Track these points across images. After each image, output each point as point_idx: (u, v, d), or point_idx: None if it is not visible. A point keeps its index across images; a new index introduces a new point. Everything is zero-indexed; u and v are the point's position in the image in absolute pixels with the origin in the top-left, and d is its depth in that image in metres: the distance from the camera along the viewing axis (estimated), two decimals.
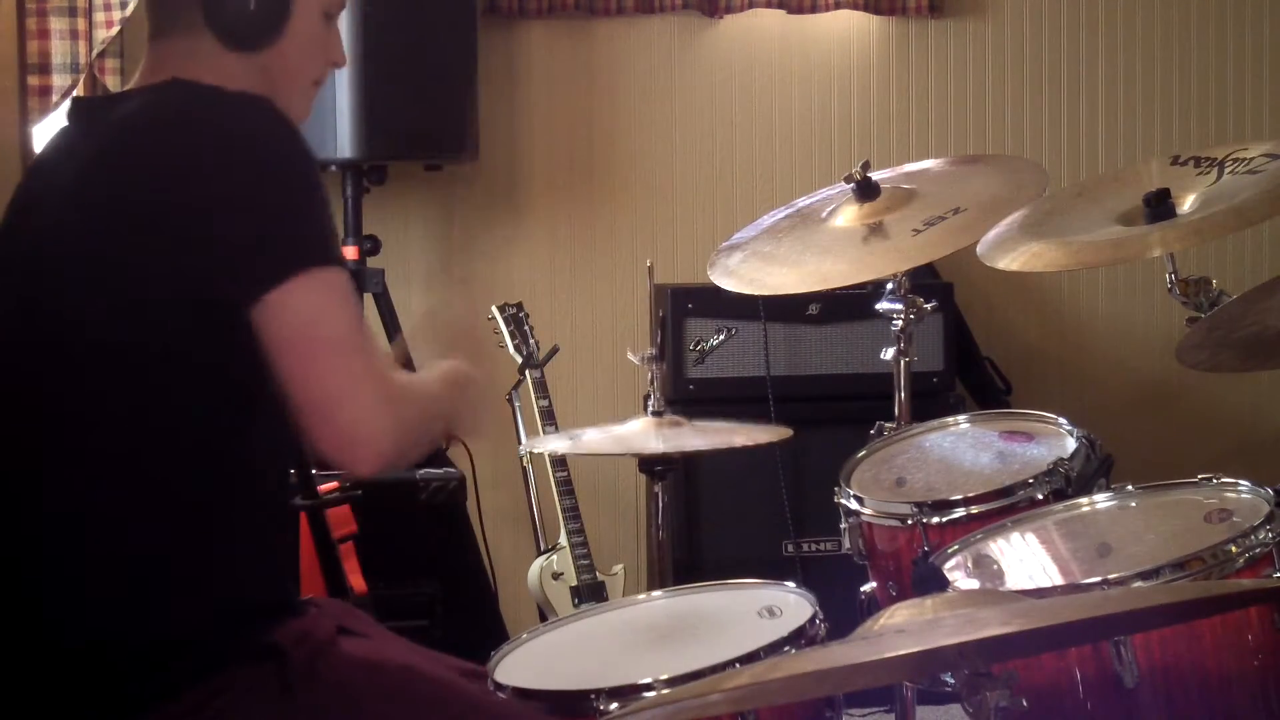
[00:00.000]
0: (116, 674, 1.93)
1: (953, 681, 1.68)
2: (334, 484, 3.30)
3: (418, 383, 2.08)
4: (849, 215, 3.03)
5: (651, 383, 2.98)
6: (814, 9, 4.55)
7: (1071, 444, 2.69)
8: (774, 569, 3.65)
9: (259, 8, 2.04)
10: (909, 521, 2.64)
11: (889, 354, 3.07)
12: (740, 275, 3.03)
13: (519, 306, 4.12)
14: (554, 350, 4.10)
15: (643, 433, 2.87)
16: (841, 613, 2.32)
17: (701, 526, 4.09)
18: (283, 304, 1.89)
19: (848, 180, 3.05)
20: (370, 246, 4.14)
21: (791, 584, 2.44)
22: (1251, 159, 2.82)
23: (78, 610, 1.95)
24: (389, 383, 1.95)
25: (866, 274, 2.93)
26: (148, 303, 1.91)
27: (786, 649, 2.20)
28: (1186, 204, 2.82)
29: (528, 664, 2.32)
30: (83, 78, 3.84)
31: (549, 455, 4.02)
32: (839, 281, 2.93)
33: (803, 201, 3.20)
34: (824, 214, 3.08)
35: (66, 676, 1.94)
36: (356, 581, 3.45)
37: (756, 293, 3.02)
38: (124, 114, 2.02)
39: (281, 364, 1.90)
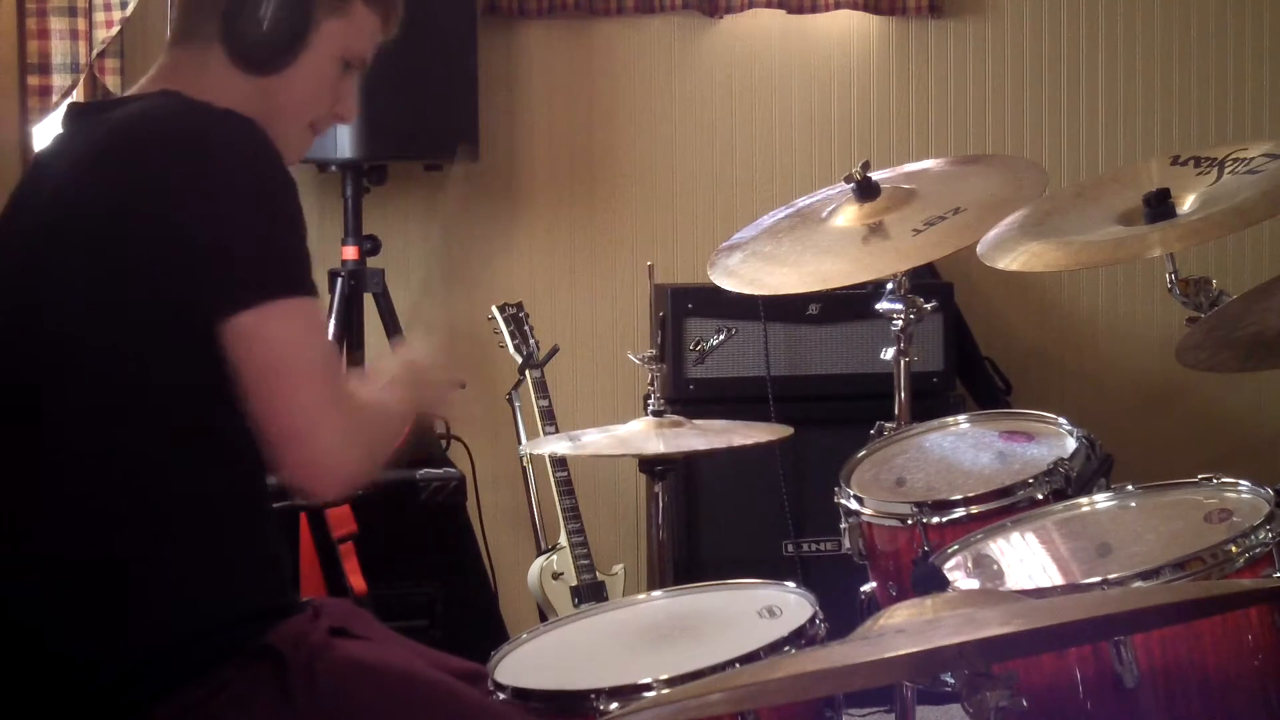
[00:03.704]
0: (112, 678, 1.93)
1: (953, 681, 1.68)
2: None
3: (377, 403, 2.08)
4: (849, 215, 3.03)
5: (652, 383, 2.99)
6: (814, 9, 4.55)
7: (1071, 444, 2.69)
8: (774, 569, 3.65)
9: (272, 32, 2.05)
10: (909, 521, 2.64)
11: (889, 354, 3.06)
12: (740, 275, 3.02)
13: (519, 306, 4.13)
14: (554, 350, 4.10)
15: (643, 433, 2.88)
16: (841, 613, 2.32)
17: (701, 526, 4.09)
18: (255, 329, 1.90)
19: (848, 180, 3.05)
20: (370, 246, 4.14)
21: (791, 584, 2.44)
22: (1251, 159, 2.82)
23: (72, 614, 1.95)
24: (355, 413, 1.97)
25: (866, 274, 2.92)
26: (130, 310, 1.92)
27: (786, 649, 2.20)
28: (1186, 204, 2.82)
29: (528, 664, 2.32)
30: (83, 78, 3.84)
31: (549, 455, 4.02)
32: (839, 281, 2.93)
33: (803, 201, 3.19)
34: (824, 214, 3.08)
35: (62, 681, 1.94)
36: (356, 581, 3.46)
37: (756, 293, 3.02)
38: (115, 121, 2.02)
39: (251, 390, 1.91)
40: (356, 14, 2.12)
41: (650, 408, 2.94)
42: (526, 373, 4.06)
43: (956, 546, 2.43)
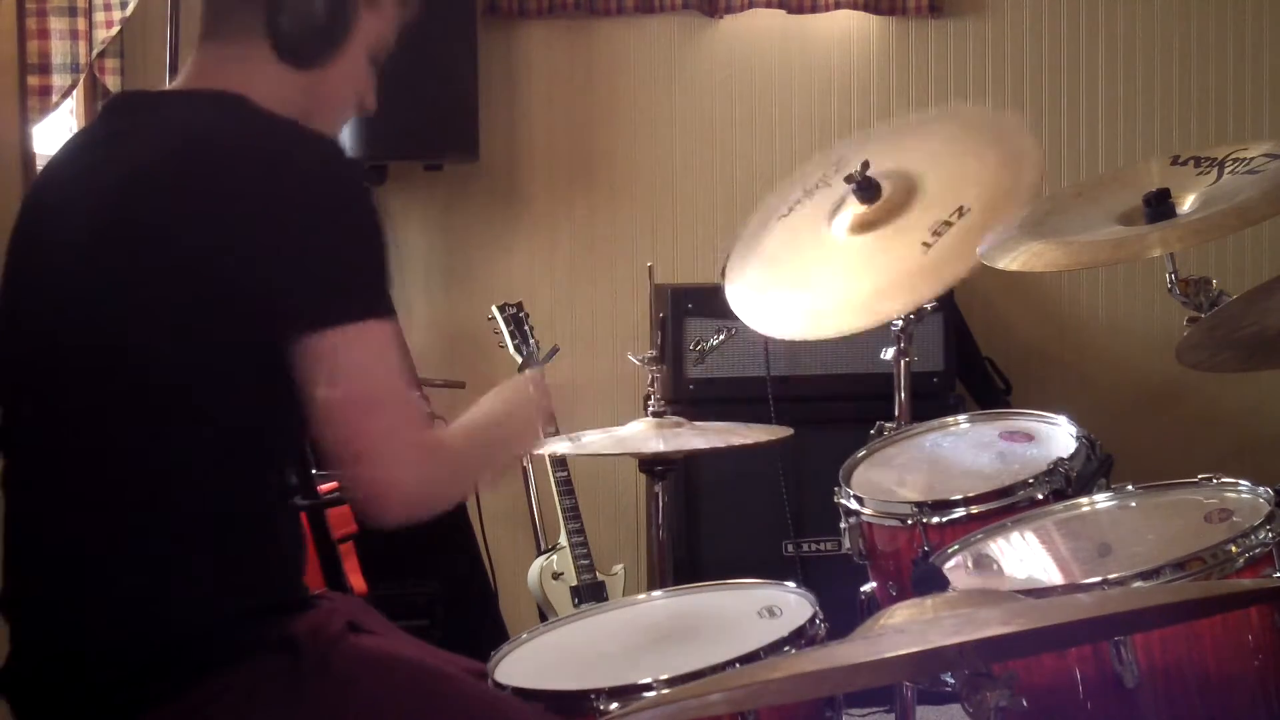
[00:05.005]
0: (124, 673, 1.94)
1: (953, 681, 1.68)
2: (334, 484, 3.30)
3: (459, 435, 2.08)
4: (851, 219, 3.01)
5: (652, 383, 2.98)
6: (814, 9, 4.55)
7: (1071, 444, 2.69)
8: (774, 569, 3.65)
9: (320, 27, 2.06)
10: (909, 521, 2.64)
11: (889, 354, 3.06)
12: (765, 309, 3.00)
13: (519, 306, 4.13)
14: (554, 350, 4.10)
15: (643, 433, 2.88)
16: (841, 613, 2.32)
17: (701, 526, 4.09)
18: (333, 350, 1.89)
19: (848, 180, 3.04)
20: None
21: (791, 584, 2.44)
22: (1251, 159, 2.81)
23: (88, 610, 1.96)
24: (427, 441, 1.96)
25: (893, 310, 2.90)
26: (175, 317, 1.91)
27: (786, 649, 2.20)
28: (1186, 204, 2.81)
29: (528, 664, 2.32)
30: (83, 78, 3.84)
31: (549, 455, 4.02)
32: (873, 321, 2.89)
33: (800, 194, 3.17)
34: (826, 221, 3.04)
35: (83, 673, 1.95)
36: (356, 581, 3.45)
37: (785, 336, 3.01)
38: (180, 123, 2.01)
39: (324, 411, 1.90)
40: (385, 6, 2.15)
41: (650, 408, 2.94)
42: (526, 373, 4.06)
43: (956, 546, 2.43)
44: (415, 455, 1.93)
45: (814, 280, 2.96)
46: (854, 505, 2.73)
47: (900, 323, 3.04)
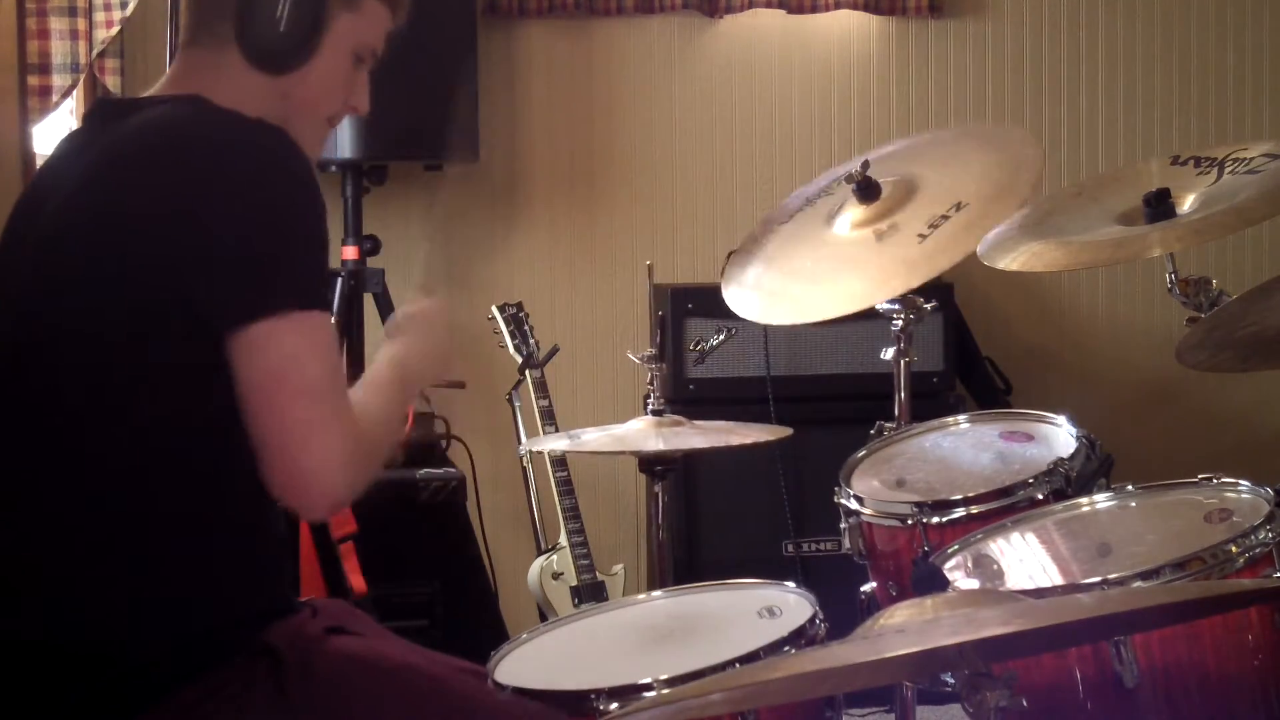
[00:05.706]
0: (112, 675, 1.93)
1: (953, 681, 1.68)
2: None
3: (373, 417, 2.05)
4: (852, 218, 3.01)
5: (651, 382, 2.98)
6: (814, 9, 4.55)
7: (1071, 444, 2.69)
8: (774, 569, 3.65)
9: (288, 32, 2.05)
10: (909, 521, 2.63)
11: (889, 354, 3.06)
12: (758, 299, 3.00)
13: (519, 306, 4.13)
14: (554, 350, 4.10)
15: (643, 432, 2.88)
16: (841, 613, 2.32)
17: (701, 526, 4.09)
18: (259, 340, 1.89)
19: (848, 180, 3.04)
20: (370, 246, 4.14)
21: (791, 584, 2.44)
22: (1251, 159, 2.82)
23: (73, 612, 1.95)
24: (355, 433, 1.95)
25: (883, 292, 2.90)
26: (139, 310, 1.92)
27: (786, 649, 2.20)
28: (1186, 204, 2.82)
29: (528, 664, 2.32)
30: (83, 78, 3.84)
31: (549, 455, 4.02)
32: (863, 304, 2.89)
33: (802, 202, 3.17)
34: (826, 219, 3.05)
35: (61, 678, 1.95)
36: (356, 581, 3.45)
37: (775, 322, 3.00)
38: (140, 122, 2.02)
39: (249, 400, 1.90)
40: (367, 7, 2.13)
41: (650, 407, 2.94)
42: (526, 373, 4.06)
43: (956, 546, 2.43)
44: (342, 448, 1.92)
45: (809, 272, 2.96)
46: (854, 505, 2.73)
47: (900, 323, 3.03)
